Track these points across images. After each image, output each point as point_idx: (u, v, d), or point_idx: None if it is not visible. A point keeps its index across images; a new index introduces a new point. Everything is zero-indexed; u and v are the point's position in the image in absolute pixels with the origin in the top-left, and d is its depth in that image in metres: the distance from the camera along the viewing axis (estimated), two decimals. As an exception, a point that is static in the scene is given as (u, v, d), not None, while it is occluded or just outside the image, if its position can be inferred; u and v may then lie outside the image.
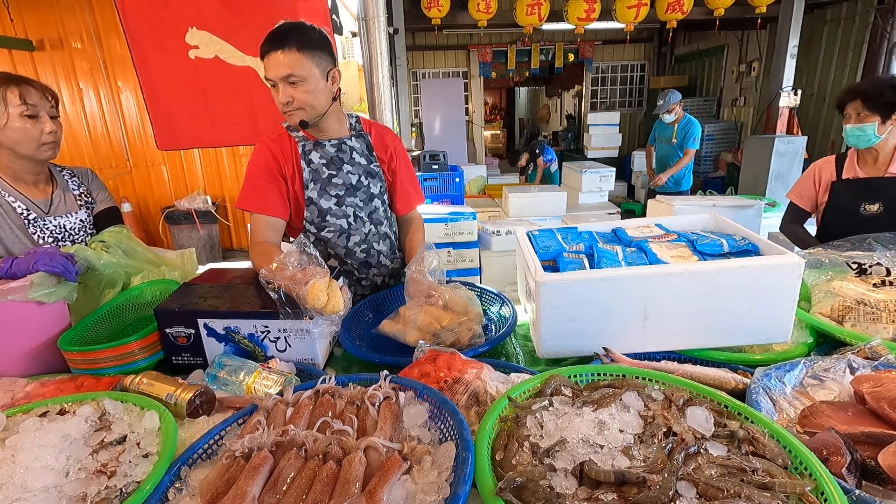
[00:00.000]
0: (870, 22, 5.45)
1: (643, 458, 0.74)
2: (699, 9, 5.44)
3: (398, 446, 0.78)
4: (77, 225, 1.64)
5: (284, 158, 1.57)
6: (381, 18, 2.74)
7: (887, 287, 1.28)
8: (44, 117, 1.50)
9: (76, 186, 1.71)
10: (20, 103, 1.44)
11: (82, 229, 1.66)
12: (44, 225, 1.55)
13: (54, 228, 1.57)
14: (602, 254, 1.26)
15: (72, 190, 1.69)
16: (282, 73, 1.42)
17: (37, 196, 1.58)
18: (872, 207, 1.99)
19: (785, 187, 5.29)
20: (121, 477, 0.80)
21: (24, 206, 1.53)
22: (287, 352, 1.25)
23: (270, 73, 1.44)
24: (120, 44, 5.29)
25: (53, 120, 1.54)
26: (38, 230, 1.53)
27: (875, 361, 1.02)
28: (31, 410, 0.97)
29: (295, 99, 1.45)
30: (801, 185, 2.24)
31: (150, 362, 1.26)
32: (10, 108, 1.44)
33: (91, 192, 1.74)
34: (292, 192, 1.60)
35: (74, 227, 1.63)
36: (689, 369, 1.05)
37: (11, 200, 1.51)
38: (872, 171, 2.02)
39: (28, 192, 1.56)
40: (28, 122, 1.47)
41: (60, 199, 1.64)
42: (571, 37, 8.38)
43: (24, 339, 1.25)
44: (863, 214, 2.01)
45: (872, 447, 0.77)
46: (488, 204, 6.00)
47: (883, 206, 1.98)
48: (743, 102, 7.69)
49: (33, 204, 1.55)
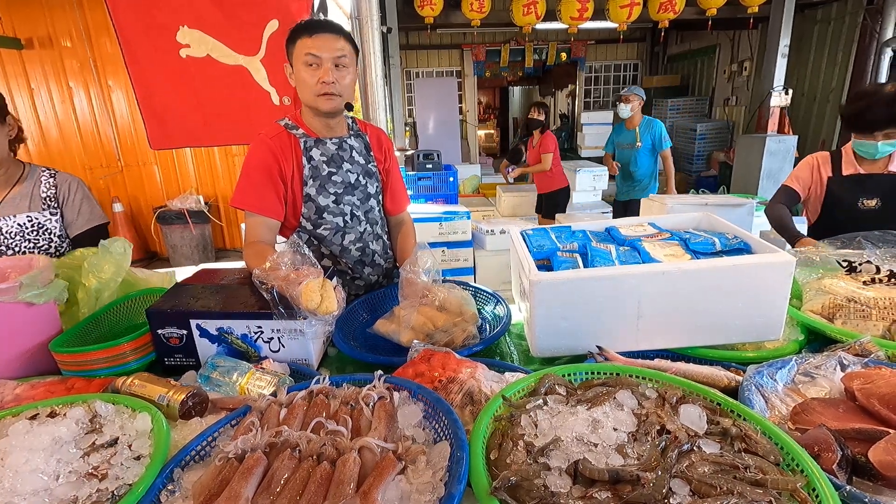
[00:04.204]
0: (859, 22, 5.51)
1: (637, 457, 0.75)
2: (691, 8, 5.48)
3: (393, 446, 0.78)
4: (14, 229, 1.63)
5: (284, 156, 1.54)
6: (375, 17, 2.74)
7: (877, 285, 1.29)
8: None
9: (47, 189, 1.70)
10: None
11: (19, 233, 1.64)
12: None
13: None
14: (596, 253, 1.26)
15: (40, 193, 1.68)
16: (335, 52, 1.45)
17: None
18: (871, 202, 2.03)
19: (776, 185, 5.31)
20: (112, 480, 0.79)
21: None
22: (281, 352, 1.24)
23: (320, 51, 1.43)
24: (110, 42, 5.24)
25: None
26: None
27: (865, 358, 1.03)
28: (20, 413, 0.96)
29: (338, 82, 1.47)
30: (799, 171, 2.24)
31: (142, 363, 1.25)
32: None
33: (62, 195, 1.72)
34: (290, 190, 1.57)
35: (11, 230, 1.63)
36: (682, 367, 1.06)
37: None
38: (872, 168, 2.05)
39: None
40: None
41: (15, 200, 1.63)
42: (565, 36, 8.39)
43: (13, 341, 1.23)
44: (860, 209, 2.05)
45: (863, 443, 0.78)
46: (482, 203, 6.01)
47: (880, 202, 2.02)
48: (735, 102, 7.75)
49: None
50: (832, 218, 2.16)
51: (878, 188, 2.03)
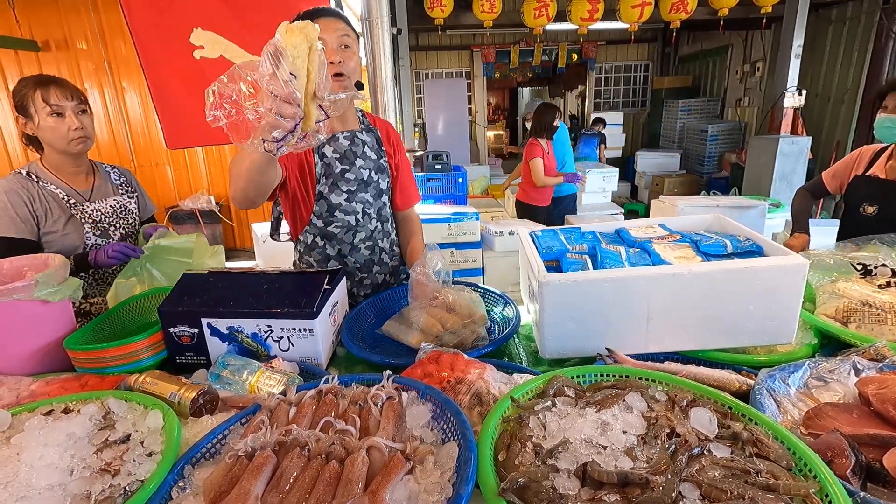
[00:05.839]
0: (875, 22, 5.42)
1: (646, 460, 0.74)
2: (703, 9, 5.43)
3: (401, 446, 0.78)
4: (110, 209, 1.83)
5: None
6: (385, 19, 2.75)
7: (892, 288, 1.27)
8: (68, 114, 1.66)
9: (117, 177, 1.93)
10: (44, 105, 1.63)
11: (115, 213, 1.84)
12: (83, 209, 1.75)
13: (92, 212, 1.77)
14: (605, 254, 1.26)
15: (113, 180, 1.91)
16: (337, 33, 1.45)
17: (80, 186, 1.79)
18: (871, 209, 1.98)
19: (789, 188, 5.27)
20: (125, 475, 0.80)
21: (65, 193, 1.73)
22: (290, 351, 1.25)
23: (325, 34, 1.43)
24: (125, 44, 5.31)
25: (81, 115, 1.70)
26: (78, 213, 1.73)
27: (880, 363, 1.01)
28: (35, 409, 0.97)
29: (345, 62, 1.46)
30: (840, 162, 2.18)
31: (155, 361, 1.26)
32: (38, 109, 1.63)
33: (131, 183, 1.97)
34: (304, 185, 1.58)
35: (107, 210, 1.82)
36: (692, 370, 1.05)
37: (53, 188, 1.72)
38: (893, 174, 1.97)
39: (71, 182, 1.77)
40: (53, 121, 1.64)
41: (101, 187, 1.86)
42: (575, 37, 8.35)
43: (29, 338, 1.25)
44: (861, 214, 2.00)
45: (877, 449, 0.77)
46: (491, 204, 6.00)
47: (878, 209, 1.95)
48: (747, 103, 7.66)
49: (74, 191, 1.76)
50: (844, 219, 2.12)
51: (880, 194, 1.96)
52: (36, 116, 1.63)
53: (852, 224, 2.02)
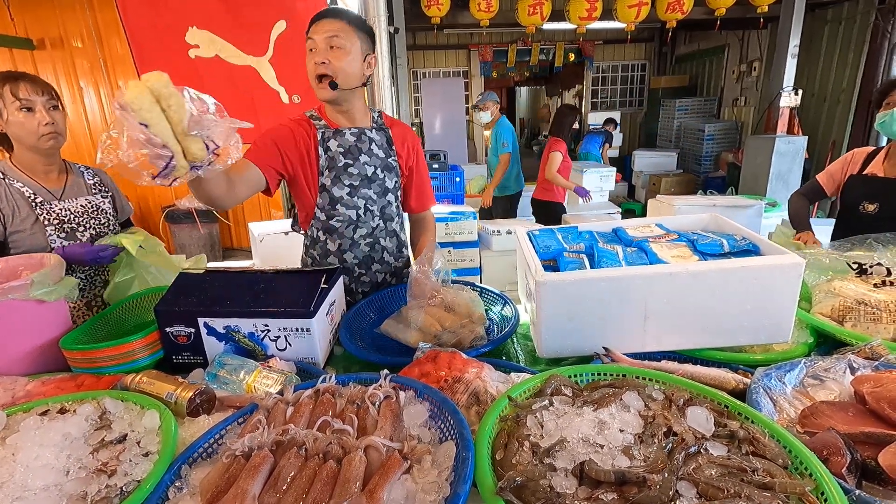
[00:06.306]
0: (870, 22, 5.44)
1: (643, 458, 0.74)
2: (700, 8, 5.43)
3: (398, 445, 0.78)
4: (81, 208, 1.74)
5: (302, 139, 1.57)
6: (382, 18, 2.75)
7: (888, 287, 1.28)
8: (39, 109, 1.59)
9: (91, 177, 1.85)
10: (13, 99, 1.55)
11: (86, 212, 1.75)
12: (49, 208, 1.66)
13: (60, 211, 1.68)
14: (602, 253, 1.26)
15: (86, 180, 1.83)
16: (327, 34, 1.44)
17: (51, 184, 1.71)
18: (871, 206, 1.98)
19: (785, 187, 5.28)
20: (121, 476, 0.80)
21: (32, 191, 1.65)
22: (287, 351, 1.25)
23: (315, 35, 1.45)
24: (120, 43, 5.28)
25: (52, 111, 1.62)
26: (43, 213, 1.65)
27: (875, 362, 1.02)
28: (31, 409, 0.97)
29: (330, 61, 1.45)
30: (834, 164, 2.18)
31: (151, 361, 1.26)
32: (7, 104, 1.56)
33: (105, 183, 1.88)
34: (306, 177, 1.60)
35: (77, 209, 1.73)
36: (689, 369, 1.05)
37: (20, 186, 1.63)
38: (893, 172, 1.97)
39: (41, 181, 1.69)
40: (23, 116, 1.57)
41: (73, 186, 1.77)
42: (572, 36, 8.37)
43: (24, 338, 1.25)
44: (861, 213, 2.00)
45: (873, 447, 0.77)
46: (489, 203, 5.98)
47: (879, 207, 1.96)
48: (744, 102, 7.68)
49: (43, 189, 1.68)
50: (840, 219, 2.13)
51: (881, 192, 1.97)
52: (5, 111, 1.56)
53: (850, 223, 2.02)
